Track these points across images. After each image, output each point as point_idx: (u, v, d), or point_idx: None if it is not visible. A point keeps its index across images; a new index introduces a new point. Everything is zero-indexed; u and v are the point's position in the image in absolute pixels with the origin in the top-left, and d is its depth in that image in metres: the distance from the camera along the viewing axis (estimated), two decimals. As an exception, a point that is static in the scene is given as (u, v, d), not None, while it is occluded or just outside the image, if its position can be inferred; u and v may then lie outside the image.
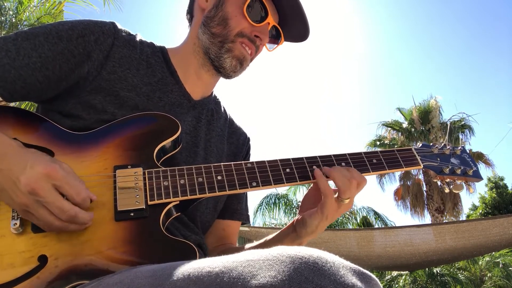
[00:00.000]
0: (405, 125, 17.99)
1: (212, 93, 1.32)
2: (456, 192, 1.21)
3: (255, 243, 1.25)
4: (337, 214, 1.05)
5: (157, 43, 1.27)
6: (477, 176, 1.21)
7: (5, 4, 8.61)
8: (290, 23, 1.22)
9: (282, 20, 1.23)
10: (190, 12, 1.29)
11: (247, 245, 1.27)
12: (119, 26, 1.16)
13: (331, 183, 1.07)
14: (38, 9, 8.64)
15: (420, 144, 1.22)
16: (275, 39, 1.26)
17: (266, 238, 1.23)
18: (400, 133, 17.91)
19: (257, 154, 1.45)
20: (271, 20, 1.17)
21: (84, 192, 0.85)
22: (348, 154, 1.11)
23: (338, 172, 1.03)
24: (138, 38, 1.20)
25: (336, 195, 1.04)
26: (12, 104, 1.14)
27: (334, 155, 1.10)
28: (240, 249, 1.26)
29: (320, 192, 1.04)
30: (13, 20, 8.59)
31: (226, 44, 1.15)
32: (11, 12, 8.66)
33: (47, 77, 1.02)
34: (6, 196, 0.83)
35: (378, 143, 18.08)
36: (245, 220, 1.38)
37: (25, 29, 1.07)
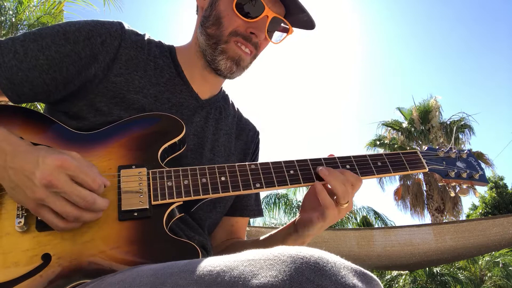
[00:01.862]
0: (405, 125, 17.98)
1: (221, 89, 1.31)
2: (462, 196, 1.20)
3: (261, 237, 1.26)
4: (339, 217, 1.05)
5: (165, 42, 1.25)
6: (483, 180, 1.19)
7: (5, 4, 8.60)
8: (294, 13, 1.16)
9: (288, 10, 1.17)
10: (197, 9, 1.26)
11: (251, 239, 1.28)
12: (127, 26, 1.15)
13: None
14: (38, 9, 8.63)
15: (425, 147, 1.21)
16: (282, 30, 1.21)
17: (270, 234, 1.24)
18: (400, 133, 17.90)
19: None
20: (270, 12, 1.10)
21: (99, 178, 0.86)
22: (353, 156, 1.10)
23: (334, 178, 1.02)
24: (146, 38, 1.19)
25: (334, 201, 1.03)
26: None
27: (339, 158, 1.09)
28: (247, 243, 1.28)
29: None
30: (13, 20, 8.58)
31: (220, 46, 1.12)
32: (11, 12, 8.65)
33: (54, 79, 1.03)
34: (20, 193, 0.83)
35: (378, 142, 18.06)
36: (256, 215, 1.37)
37: (33, 30, 1.06)
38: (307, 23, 1.20)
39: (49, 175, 0.80)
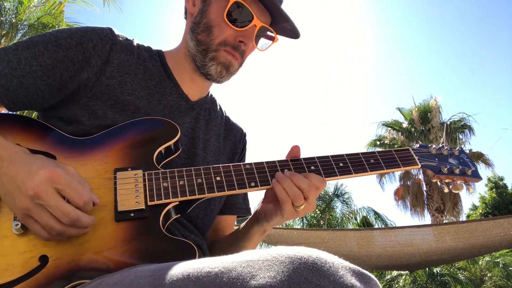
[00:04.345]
0: (405, 125, 18.01)
1: (208, 92, 1.34)
2: (456, 192, 1.22)
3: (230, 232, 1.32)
4: (299, 214, 1.06)
5: (156, 45, 1.29)
6: (476, 176, 1.21)
7: (5, 4, 8.61)
8: (279, 22, 1.20)
9: (274, 20, 1.20)
10: (186, 14, 1.29)
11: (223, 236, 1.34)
12: (117, 31, 1.18)
13: None
14: (38, 9, 8.65)
15: (418, 145, 1.23)
16: (268, 37, 1.25)
17: (237, 228, 1.27)
18: (400, 133, 17.92)
19: (253, 151, 1.45)
20: (258, 22, 1.14)
21: (87, 195, 0.85)
22: (346, 154, 1.12)
23: (287, 182, 1.01)
24: (135, 43, 1.21)
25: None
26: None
27: (332, 156, 1.11)
28: (219, 241, 1.33)
29: None
30: (13, 21, 8.60)
31: (210, 53, 1.15)
32: (11, 12, 8.67)
33: (49, 85, 1.04)
34: (10, 200, 0.84)
35: (378, 143, 18.09)
36: (244, 213, 1.39)
37: (25, 39, 1.08)
38: (292, 32, 1.23)
39: (37, 187, 0.80)
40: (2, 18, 8.49)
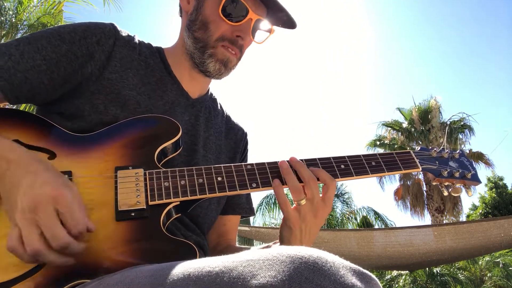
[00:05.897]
0: (405, 125, 18.02)
1: (208, 90, 1.34)
2: (455, 195, 1.23)
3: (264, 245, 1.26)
4: (305, 219, 1.00)
5: (156, 43, 1.28)
6: (476, 180, 1.22)
7: (5, 4, 8.61)
8: (274, 13, 1.19)
9: (269, 11, 1.19)
10: (181, 11, 1.29)
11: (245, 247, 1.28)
12: (119, 27, 1.18)
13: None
14: (37, 9, 8.64)
15: (419, 148, 1.23)
16: (265, 30, 1.24)
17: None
18: (400, 133, 17.93)
19: (251, 149, 1.44)
20: (253, 15, 1.13)
21: (82, 224, 0.81)
22: (347, 156, 1.11)
23: (290, 174, 1.00)
24: (136, 40, 1.22)
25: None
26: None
27: (333, 158, 1.10)
28: (240, 249, 1.27)
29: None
30: (13, 20, 8.59)
31: (208, 50, 1.15)
32: (11, 12, 8.66)
33: (53, 79, 1.04)
34: (7, 205, 0.81)
35: (378, 143, 18.10)
36: (248, 213, 1.38)
37: (27, 34, 1.07)
38: (288, 23, 1.22)
39: (38, 202, 0.77)
40: (2, 18, 8.48)
